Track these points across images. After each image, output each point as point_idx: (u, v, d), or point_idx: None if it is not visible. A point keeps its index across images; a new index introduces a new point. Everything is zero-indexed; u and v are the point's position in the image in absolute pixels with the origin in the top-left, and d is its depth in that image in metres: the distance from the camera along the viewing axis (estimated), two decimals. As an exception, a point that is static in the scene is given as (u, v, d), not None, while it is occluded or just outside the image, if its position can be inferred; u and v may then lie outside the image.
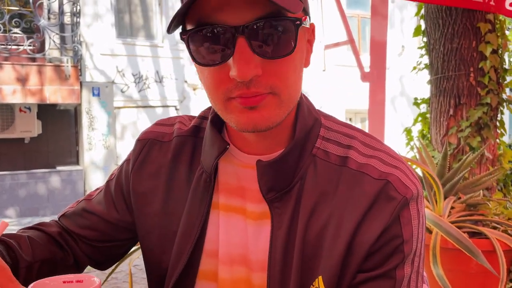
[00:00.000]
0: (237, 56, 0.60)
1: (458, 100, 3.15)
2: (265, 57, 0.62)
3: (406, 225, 0.67)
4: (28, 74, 7.11)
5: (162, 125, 0.86)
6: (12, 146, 8.22)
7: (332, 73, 9.96)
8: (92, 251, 0.86)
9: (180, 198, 0.77)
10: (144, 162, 0.82)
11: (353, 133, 0.75)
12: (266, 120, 0.65)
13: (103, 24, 8.79)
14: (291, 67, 0.65)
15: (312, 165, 0.72)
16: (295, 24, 0.62)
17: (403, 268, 0.68)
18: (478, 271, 1.99)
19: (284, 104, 0.66)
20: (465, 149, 3.05)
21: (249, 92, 0.63)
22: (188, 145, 0.80)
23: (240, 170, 0.75)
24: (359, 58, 2.38)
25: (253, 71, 0.61)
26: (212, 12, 0.61)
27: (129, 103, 9.11)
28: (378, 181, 0.68)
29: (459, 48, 3.12)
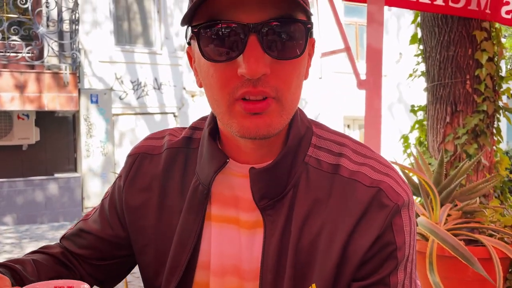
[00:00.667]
0: (248, 54, 0.61)
1: (455, 107, 3.16)
2: (275, 57, 0.62)
3: (398, 232, 0.68)
4: (26, 81, 7.13)
5: (152, 139, 0.86)
6: (10, 153, 8.21)
7: (330, 80, 9.99)
8: (93, 270, 0.86)
9: (174, 210, 0.77)
10: (136, 176, 0.82)
11: (344, 140, 0.76)
12: (268, 126, 0.65)
13: (102, 31, 8.83)
14: (296, 72, 0.66)
15: (304, 173, 0.72)
16: (307, 27, 0.63)
17: (396, 274, 0.68)
18: (475, 279, 1.98)
19: (286, 111, 0.66)
20: (462, 156, 3.05)
21: (255, 91, 0.63)
22: (179, 157, 0.80)
23: (233, 179, 0.74)
24: (355, 66, 2.38)
25: (262, 69, 0.61)
26: (225, 9, 0.61)
27: (128, 110, 9.12)
28: (370, 189, 0.68)
29: (455, 56, 3.13)
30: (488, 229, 2.10)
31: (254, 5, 0.61)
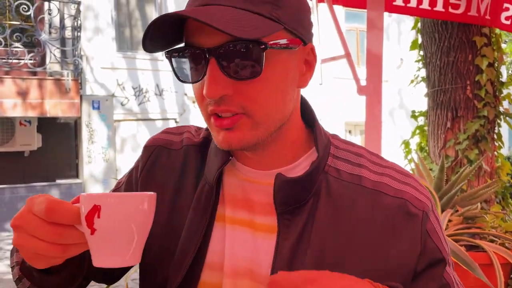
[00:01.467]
0: (207, 76, 0.64)
1: (455, 112, 3.17)
2: (233, 78, 0.64)
3: (434, 235, 0.71)
4: (28, 87, 7.16)
5: (170, 134, 0.87)
6: (11, 159, 8.24)
7: (331, 85, 10.02)
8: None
9: (185, 209, 0.78)
10: (152, 169, 0.83)
11: (360, 151, 0.78)
12: (240, 140, 0.67)
13: (104, 38, 8.88)
14: (264, 89, 0.66)
15: (324, 181, 0.73)
16: (260, 48, 0.64)
17: (447, 271, 0.71)
18: (476, 285, 1.97)
19: (260, 125, 0.68)
20: (463, 162, 3.05)
21: (219, 109, 0.66)
22: (197, 157, 0.81)
23: (246, 183, 0.76)
24: (355, 72, 2.39)
25: (220, 91, 0.64)
26: (192, 33, 0.66)
27: (129, 116, 9.15)
28: (395, 199, 0.71)
29: (455, 62, 3.14)
30: (489, 235, 2.09)
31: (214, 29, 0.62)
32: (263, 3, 0.65)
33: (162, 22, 0.65)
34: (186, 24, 0.67)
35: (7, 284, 4.60)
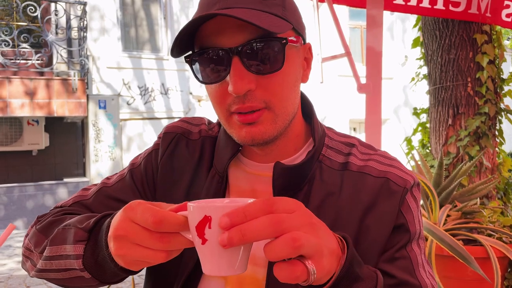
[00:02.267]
0: (232, 73, 0.69)
1: (457, 109, 3.19)
2: (257, 73, 0.70)
3: (407, 211, 0.77)
4: (36, 87, 7.26)
5: (188, 123, 0.91)
6: (20, 158, 8.35)
7: (335, 83, 10.03)
8: None
9: (198, 197, 0.82)
10: (172, 155, 0.87)
11: (352, 141, 0.85)
12: (263, 134, 0.73)
13: (110, 38, 8.96)
14: (283, 82, 0.72)
15: (318, 170, 0.80)
16: (282, 43, 0.70)
17: (411, 247, 0.77)
18: (474, 278, 2.01)
19: (279, 118, 0.74)
20: (464, 158, 3.08)
21: (245, 107, 0.71)
22: (210, 147, 0.87)
23: (251, 176, 0.82)
24: (355, 70, 2.43)
25: (246, 86, 0.69)
26: (209, 37, 0.71)
27: (135, 115, 9.23)
28: (378, 179, 0.78)
29: (456, 59, 3.17)
30: (487, 229, 2.13)
31: (234, 29, 0.69)
32: (274, 5, 0.72)
33: (191, 26, 0.69)
34: (201, 29, 0.71)
35: (17, 280, 4.69)
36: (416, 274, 0.75)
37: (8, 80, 7.11)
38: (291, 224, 0.52)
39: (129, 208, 0.60)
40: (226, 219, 0.51)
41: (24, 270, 0.85)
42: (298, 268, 0.53)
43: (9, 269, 5.11)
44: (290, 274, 0.53)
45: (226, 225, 0.51)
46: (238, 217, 0.51)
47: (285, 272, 0.53)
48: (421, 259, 0.77)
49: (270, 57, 0.70)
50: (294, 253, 0.52)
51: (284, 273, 0.53)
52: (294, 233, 0.52)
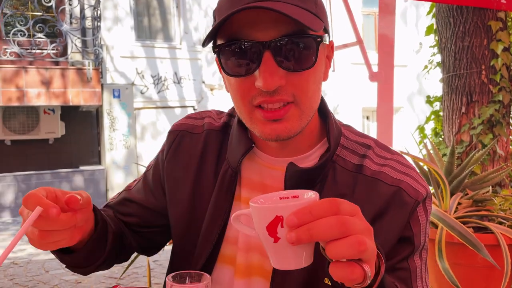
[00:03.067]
0: (263, 68, 0.68)
1: (470, 97, 3.17)
2: (289, 70, 0.69)
3: (415, 223, 0.77)
4: (51, 77, 7.37)
5: (193, 118, 0.94)
6: (37, 146, 8.53)
7: (349, 72, 9.96)
8: (135, 236, 0.94)
9: (207, 189, 0.86)
10: (176, 152, 0.90)
11: (368, 142, 0.84)
12: (288, 130, 0.73)
13: (123, 28, 9.02)
14: (311, 79, 0.72)
15: (331, 170, 0.80)
16: (317, 41, 0.69)
17: (413, 259, 0.77)
18: (484, 265, 2.03)
19: (305, 114, 0.73)
20: (477, 147, 3.07)
21: (272, 99, 0.70)
22: (217, 140, 0.89)
23: (263, 169, 0.83)
24: (367, 58, 2.43)
25: (277, 82, 0.68)
26: (241, 28, 0.69)
27: (149, 104, 9.31)
28: (391, 187, 0.77)
29: (470, 46, 3.14)
30: (497, 217, 2.14)
31: (269, 23, 0.67)
32: (308, 1, 0.70)
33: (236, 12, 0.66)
34: (233, 19, 0.68)
35: (36, 264, 4.84)
36: (412, 285, 0.77)
37: (25, 69, 7.23)
38: (355, 227, 0.53)
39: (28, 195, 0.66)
40: (294, 218, 0.53)
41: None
42: (358, 271, 0.54)
43: (28, 254, 5.27)
44: (349, 275, 0.54)
45: (294, 224, 0.52)
46: (305, 216, 0.53)
47: (344, 272, 0.54)
48: (420, 270, 0.78)
49: (303, 55, 0.69)
50: (357, 255, 0.53)
51: (343, 273, 0.54)
52: (360, 236, 0.53)
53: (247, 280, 0.81)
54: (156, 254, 1.04)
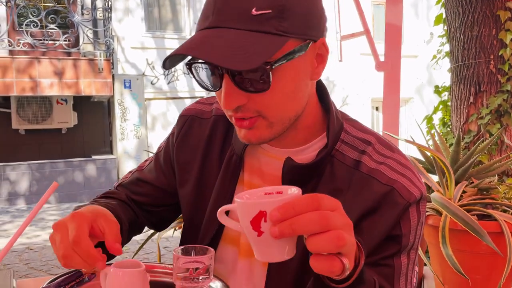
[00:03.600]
0: (223, 89, 0.71)
1: (478, 87, 3.17)
2: (247, 91, 0.70)
3: (405, 223, 0.77)
4: (64, 67, 7.47)
5: (202, 103, 0.99)
6: (50, 136, 8.67)
7: (357, 62, 9.91)
8: (147, 215, 1.00)
9: (212, 173, 0.90)
10: (186, 136, 0.95)
11: (370, 138, 0.83)
12: (258, 138, 0.75)
13: (134, 19, 9.07)
14: (276, 97, 0.72)
15: (329, 164, 0.81)
16: (266, 68, 0.68)
17: (400, 258, 0.78)
18: (487, 252, 2.06)
19: (275, 124, 0.75)
20: (485, 136, 3.07)
21: (237, 116, 0.73)
22: (223, 125, 0.92)
23: (262, 156, 0.87)
24: (374, 47, 2.45)
25: (235, 102, 0.71)
26: None
27: (159, 94, 9.39)
28: (385, 186, 0.77)
29: (479, 36, 3.13)
30: (501, 205, 2.16)
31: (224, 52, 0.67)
32: (268, 20, 0.67)
33: (173, 56, 0.71)
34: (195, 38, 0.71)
35: (50, 250, 4.97)
36: (394, 283, 0.77)
37: (38, 60, 7.34)
38: (335, 222, 0.55)
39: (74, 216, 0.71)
40: (276, 213, 0.55)
41: None
42: (336, 264, 0.56)
43: (43, 240, 5.41)
44: (328, 267, 0.56)
45: (277, 219, 0.55)
46: (288, 211, 0.55)
47: (323, 264, 0.56)
48: (406, 269, 0.79)
49: (256, 80, 0.69)
50: (336, 250, 0.55)
51: (322, 266, 0.57)
52: (339, 232, 0.55)
53: (249, 260, 0.85)
54: (167, 241, 1.09)
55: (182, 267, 0.67)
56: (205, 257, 0.69)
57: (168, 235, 3.65)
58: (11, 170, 7.84)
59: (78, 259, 0.69)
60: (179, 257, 0.69)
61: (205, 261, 0.68)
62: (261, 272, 0.84)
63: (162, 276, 0.92)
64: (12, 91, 7.23)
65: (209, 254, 0.70)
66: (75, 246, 0.68)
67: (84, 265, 0.70)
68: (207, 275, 0.68)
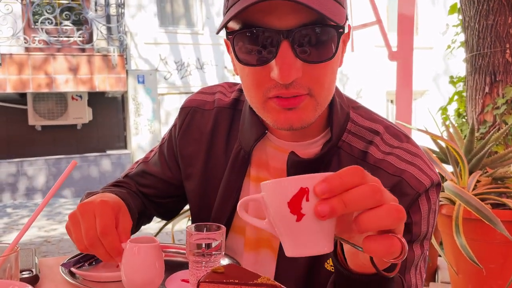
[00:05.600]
0: (280, 59, 0.63)
1: (494, 77, 3.13)
2: (307, 62, 0.64)
3: (415, 212, 0.73)
4: (78, 64, 7.57)
5: (204, 94, 0.96)
6: (66, 132, 8.81)
7: (372, 54, 9.82)
8: (153, 206, 1.00)
9: (218, 166, 0.89)
10: (188, 128, 0.93)
11: (378, 128, 0.80)
12: (302, 120, 0.69)
13: (146, 14, 9.13)
14: (329, 71, 0.68)
15: (336, 156, 0.78)
16: (338, 32, 0.64)
17: (412, 248, 0.74)
18: (501, 241, 2.05)
19: (319, 106, 0.70)
20: (501, 127, 3.04)
21: (287, 93, 0.66)
22: (227, 117, 0.90)
23: (268, 149, 0.85)
24: (387, 38, 2.44)
25: (294, 74, 0.64)
26: (258, 14, 0.63)
27: (172, 89, 9.45)
28: (392, 177, 0.74)
29: (494, 25, 3.08)
30: (516, 194, 2.14)
31: (288, 10, 0.62)
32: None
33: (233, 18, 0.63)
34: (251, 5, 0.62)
35: (67, 243, 5.07)
36: (405, 273, 0.73)
37: (53, 57, 7.45)
38: (387, 196, 0.49)
39: (102, 204, 0.71)
40: (324, 185, 0.46)
41: None
42: (395, 242, 0.48)
43: (60, 233, 5.51)
44: (389, 247, 0.48)
45: (324, 190, 0.46)
46: (335, 184, 0.47)
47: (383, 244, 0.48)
48: (418, 259, 0.75)
49: (323, 46, 0.64)
50: (397, 223, 0.48)
51: (382, 246, 0.48)
52: (396, 204, 0.48)
53: (255, 253, 0.85)
54: (181, 234, 1.09)
55: (195, 243, 0.69)
56: (217, 233, 0.71)
57: (182, 228, 3.69)
58: (29, 165, 8.00)
59: (102, 250, 0.69)
60: (192, 233, 0.70)
61: (217, 237, 0.70)
62: (269, 263, 0.83)
63: (176, 256, 0.94)
64: (28, 87, 7.36)
65: (221, 230, 0.71)
66: (103, 237, 0.68)
67: (105, 257, 0.70)
68: (219, 251, 0.70)
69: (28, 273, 0.80)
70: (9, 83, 7.22)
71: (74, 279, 0.78)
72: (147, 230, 5.25)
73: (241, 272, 0.60)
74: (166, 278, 0.77)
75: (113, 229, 0.69)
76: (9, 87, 7.23)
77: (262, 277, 0.58)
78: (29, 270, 0.81)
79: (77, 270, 0.81)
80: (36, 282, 0.79)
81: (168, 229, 2.59)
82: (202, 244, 0.69)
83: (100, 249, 0.69)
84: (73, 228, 0.72)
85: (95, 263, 0.86)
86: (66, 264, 0.83)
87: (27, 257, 0.87)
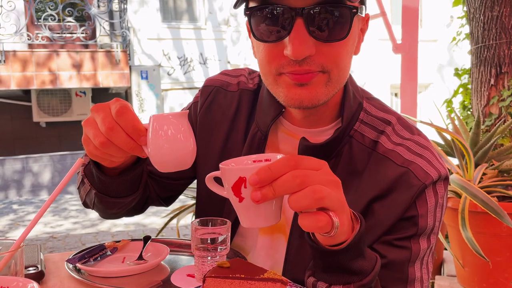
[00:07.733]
0: (293, 36, 0.65)
1: (499, 69, 3.10)
2: (320, 40, 0.67)
3: (421, 204, 0.74)
4: (82, 60, 7.57)
5: (228, 75, 0.96)
6: (70, 128, 8.83)
7: (376, 48, 9.76)
8: (158, 187, 0.98)
9: (236, 148, 0.89)
10: (210, 107, 0.93)
11: (390, 118, 0.81)
12: (313, 97, 0.70)
13: (149, 10, 9.11)
14: (343, 51, 0.70)
15: (348, 145, 0.79)
16: (352, 12, 0.67)
17: (418, 241, 0.75)
18: (508, 234, 2.03)
19: (332, 83, 0.71)
20: (507, 119, 3.01)
21: (300, 69, 0.68)
22: (249, 101, 0.91)
23: (282, 134, 0.86)
24: (391, 30, 2.42)
25: (306, 51, 0.66)
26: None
27: (176, 85, 9.44)
28: (399, 167, 0.75)
29: (499, 16, 3.05)
30: (523, 187, 2.12)
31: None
32: None
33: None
34: None
35: (73, 238, 5.10)
36: (409, 266, 0.74)
37: (56, 53, 7.45)
38: (315, 179, 0.54)
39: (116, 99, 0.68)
40: (255, 177, 0.54)
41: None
42: (323, 218, 0.55)
43: (66, 229, 5.54)
44: (315, 222, 0.55)
45: (255, 182, 0.54)
46: (265, 174, 0.54)
47: (309, 221, 0.55)
48: (424, 253, 0.76)
49: (337, 25, 0.66)
50: (315, 204, 0.54)
51: (308, 222, 0.55)
52: (316, 186, 0.54)
53: (270, 237, 0.86)
54: (186, 229, 1.08)
55: (200, 237, 0.69)
56: (222, 228, 0.70)
57: (187, 223, 3.70)
58: (34, 162, 8.03)
59: (122, 135, 0.65)
60: (197, 228, 0.70)
61: (221, 232, 0.70)
62: (281, 248, 0.84)
63: (181, 251, 0.94)
64: (32, 84, 7.37)
65: (226, 225, 0.71)
66: (120, 117, 0.64)
67: (126, 142, 0.65)
68: (224, 245, 0.70)
69: (33, 269, 0.80)
70: (13, 80, 7.24)
71: (79, 275, 0.78)
72: (153, 225, 5.26)
73: (247, 267, 0.60)
74: (171, 273, 0.77)
75: (130, 109, 0.66)
76: (13, 84, 7.25)
77: (269, 271, 0.59)
78: (35, 266, 0.81)
79: (82, 265, 0.82)
80: (41, 278, 0.80)
81: (173, 224, 2.60)
82: (207, 239, 0.68)
83: (120, 134, 0.64)
84: (89, 127, 0.67)
85: (100, 258, 0.86)
86: (71, 260, 0.83)
87: (32, 253, 0.87)
